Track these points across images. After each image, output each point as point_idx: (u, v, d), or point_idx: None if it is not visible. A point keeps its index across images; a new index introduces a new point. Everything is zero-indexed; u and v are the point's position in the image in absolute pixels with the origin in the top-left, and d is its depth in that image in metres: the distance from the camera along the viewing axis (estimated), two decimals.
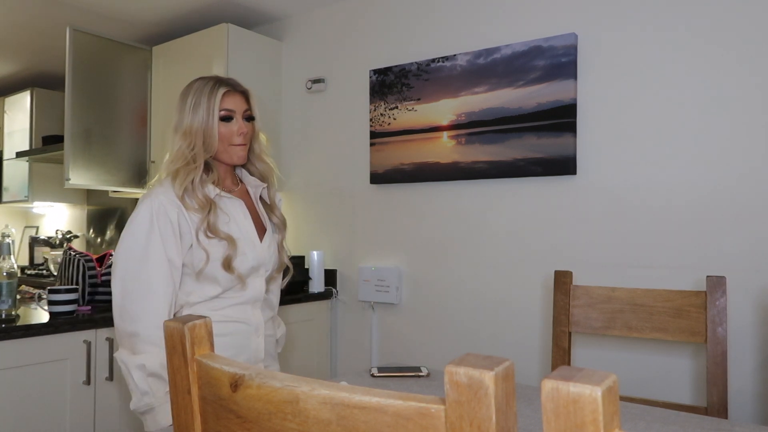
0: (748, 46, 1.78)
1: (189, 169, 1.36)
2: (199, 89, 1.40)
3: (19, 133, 4.03)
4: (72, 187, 3.04)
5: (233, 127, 1.40)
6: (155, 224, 1.31)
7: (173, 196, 1.34)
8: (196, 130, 1.38)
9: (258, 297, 1.46)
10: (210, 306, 1.38)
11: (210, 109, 1.37)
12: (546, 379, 0.42)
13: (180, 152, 1.38)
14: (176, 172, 1.36)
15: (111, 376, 2.01)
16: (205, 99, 1.38)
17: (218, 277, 1.37)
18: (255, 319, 1.45)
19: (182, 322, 0.64)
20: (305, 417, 0.53)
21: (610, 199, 2.00)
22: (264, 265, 1.45)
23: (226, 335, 1.38)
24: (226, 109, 1.39)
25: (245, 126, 1.42)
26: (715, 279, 1.45)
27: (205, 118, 1.37)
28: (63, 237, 3.93)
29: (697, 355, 1.85)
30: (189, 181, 1.35)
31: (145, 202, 1.34)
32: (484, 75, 2.23)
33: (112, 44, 2.98)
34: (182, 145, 1.38)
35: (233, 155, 1.42)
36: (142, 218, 1.32)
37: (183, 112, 1.40)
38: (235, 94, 1.42)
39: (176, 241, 1.33)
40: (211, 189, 1.39)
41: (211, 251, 1.34)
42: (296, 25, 2.91)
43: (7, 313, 1.88)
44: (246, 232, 1.42)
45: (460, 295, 2.34)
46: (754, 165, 1.77)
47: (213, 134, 1.38)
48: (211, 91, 1.39)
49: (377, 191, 2.59)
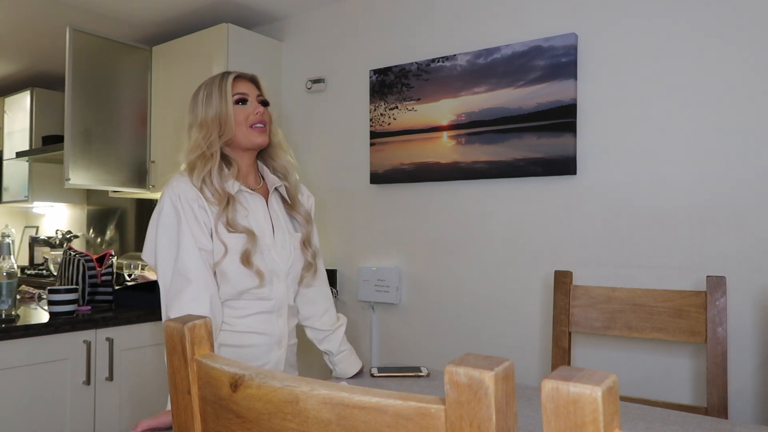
0: (748, 46, 1.78)
1: (205, 159, 1.34)
2: (208, 84, 1.41)
3: (19, 133, 4.03)
4: (72, 187, 3.04)
5: (249, 108, 1.39)
6: (181, 215, 1.28)
7: (191, 185, 1.32)
8: (211, 120, 1.36)
9: (281, 305, 1.39)
10: (232, 314, 1.33)
11: (223, 95, 1.37)
12: (546, 379, 0.42)
13: (195, 143, 1.36)
14: (193, 164, 1.35)
15: (111, 376, 2.01)
16: (216, 88, 1.38)
17: (230, 276, 1.30)
18: (278, 330, 1.39)
19: (182, 322, 0.64)
20: (305, 417, 0.53)
21: (610, 199, 2.00)
22: (281, 268, 1.38)
23: (246, 347, 1.34)
24: (239, 93, 1.39)
25: (260, 107, 1.41)
26: (715, 279, 1.45)
27: (219, 105, 1.36)
28: (63, 237, 3.93)
29: (697, 355, 1.85)
30: (206, 172, 1.33)
31: (166, 193, 1.32)
32: (484, 75, 2.23)
33: (112, 44, 2.98)
34: (198, 137, 1.37)
35: (254, 138, 1.38)
36: (168, 211, 1.29)
37: (196, 108, 1.40)
38: (245, 79, 1.42)
39: (201, 227, 1.29)
40: (231, 184, 1.36)
41: (229, 243, 1.30)
42: (296, 25, 2.91)
43: (7, 313, 1.88)
44: (263, 231, 1.37)
45: (460, 295, 2.34)
46: (754, 165, 1.77)
47: (229, 119, 1.36)
48: (221, 80, 1.39)
49: (377, 191, 2.59)
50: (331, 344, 1.52)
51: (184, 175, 1.35)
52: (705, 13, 1.85)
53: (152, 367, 2.15)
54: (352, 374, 1.53)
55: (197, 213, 1.29)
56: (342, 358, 1.52)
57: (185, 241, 1.27)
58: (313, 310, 1.54)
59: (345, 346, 1.54)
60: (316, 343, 1.55)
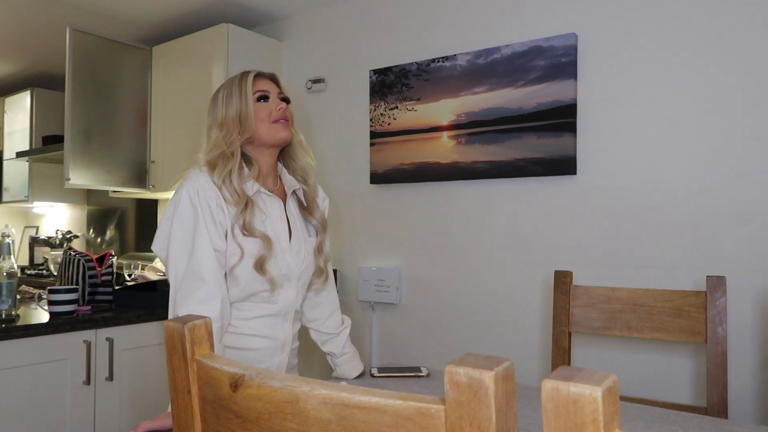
0: (748, 45, 1.78)
1: (226, 158, 1.32)
2: (228, 84, 1.39)
3: (19, 133, 4.03)
4: (72, 187, 3.04)
5: (271, 105, 1.37)
6: (198, 212, 1.26)
7: (211, 182, 1.29)
8: (232, 119, 1.34)
9: (289, 309, 1.38)
10: (238, 316, 1.32)
11: (243, 93, 1.35)
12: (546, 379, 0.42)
13: (215, 143, 1.34)
14: (214, 163, 1.32)
15: (111, 376, 2.01)
16: (236, 88, 1.36)
17: (240, 279, 1.29)
18: (283, 334, 1.38)
19: (182, 322, 0.64)
20: (305, 417, 0.53)
21: (610, 199, 2.00)
22: (294, 273, 1.36)
23: (249, 350, 1.33)
24: (260, 90, 1.37)
25: (282, 103, 1.39)
26: (715, 279, 1.45)
27: (240, 103, 1.35)
28: (63, 237, 3.93)
29: (697, 355, 1.85)
30: (227, 171, 1.30)
31: (184, 186, 1.28)
32: (484, 75, 2.23)
33: (112, 44, 2.98)
34: (218, 136, 1.34)
35: (277, 133, 1.36)
36: (185, 206, 1.26)
37: (215, 109, 1.38)
38: (265, 77, 1.41)
39: (217, 228, 1.27)
40: (250, 185, 1.34)
41: (246, 247, 1.28)
42: (296, 25, 2.92)
43: (7, 313, 1.88)
44: (278, 235, 1.35)
45: (460, 295, 2.34)
46: (754, 165, 1.77)
47: (249, 116, 1.34)
48: (241, 79, 1.37)
49: (377, 191, 2.59)
50: (335, 346, 1.51)
51: (204, 171, 1.31)
52: (705, 13, 1.85)
53: (152, 367, 2.15)
54: (353, 377, 1.52)
55: (214, 212, 1.27)
56: (345, 360, 1.51)
57: (202, 240, 1.25)
58: (320, 313, 1.53)
59: (348, 349, 1.53)
60: (320, 345, 1.54)
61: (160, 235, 1.30)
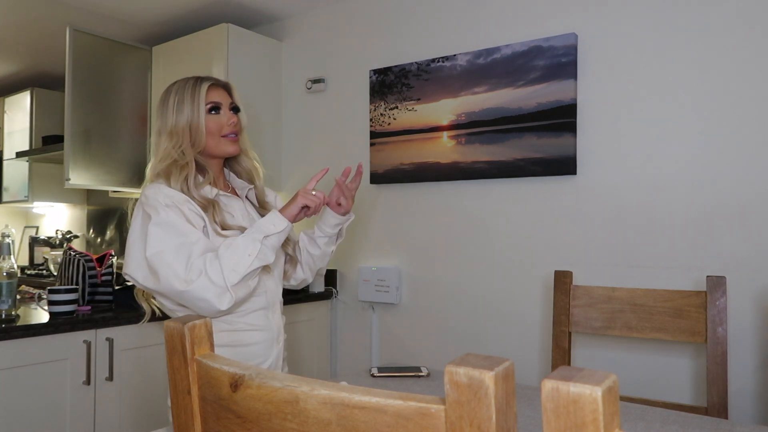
0: (748, 45, 1.78)
1: (180, 166, 1.32)
2: (180, 88, 1.38)
3: (19, 133, 4.03)
4: (72, 187, 3.04)
5: (222, 118, 1.38)
6: (175, 210, 1.24)
7: (176, 190, 1.28)
8: (182, 128, 1.34)
9: (274, 300, 1.43)
10: (234, 313, 1.34)
11: (195, 103, 1.35)
12: (546, 379, 0.42)
13: (166, 152, 1.34)
14: (168, 171, 1.31)
15: (111, 376, 2.01)
16: (189, 95, 1.35)
17: None
18: (276, 324, 1.42)
19: (182, 322, 0.64)
20: (305, 417, 0.53)
21: (610, 199, 2.00)
22: None
23: (248, 345, 1.35)
24: (212, 102, 1.37)
25: (233, 116, 1.40)
26: (715, 279, 1.45)
27: (192, 113, 1.34)
28: (63, 237, 3.93)
29: (697, 355, 1.85)
30: (183, 179, 1.30)
31: (149, 200, 1.26)
32: (484, 75, 2.23)
33: (112, 44, 2.98)
34: (168, 145, 1.34)
35: (226, 147, 1.39)
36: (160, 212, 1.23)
37: (166, 114, 1.36)
38: (219, 87, 1.41)
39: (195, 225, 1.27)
40: (208, 190, 1.36)
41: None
42: (296, 25, 2.91)
43: (7, 313, 1.88)
44: None
45: (460, 295, 2.33)
46: (755, 165, 1.77)
47: (200, 129, 1.34)
48: (194, 87, 1.37)
49: (377, 191, 2.59)
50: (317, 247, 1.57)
51: (161, 183, 1.31)
52: (705, 13, 1.85)
53: (152, 367, 2.15)
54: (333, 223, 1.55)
55: (188, 214, 1.27)
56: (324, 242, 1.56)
57: (185, 225, 1.24)
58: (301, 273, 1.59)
59: None
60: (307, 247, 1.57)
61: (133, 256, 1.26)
